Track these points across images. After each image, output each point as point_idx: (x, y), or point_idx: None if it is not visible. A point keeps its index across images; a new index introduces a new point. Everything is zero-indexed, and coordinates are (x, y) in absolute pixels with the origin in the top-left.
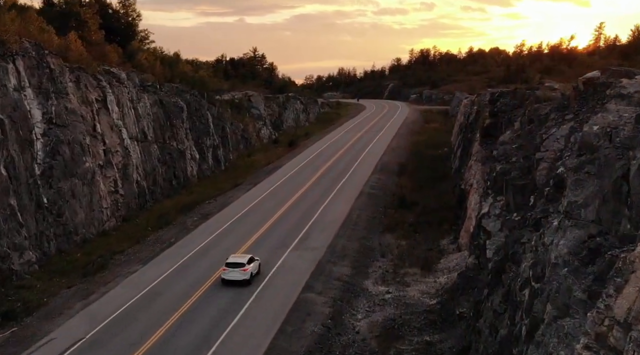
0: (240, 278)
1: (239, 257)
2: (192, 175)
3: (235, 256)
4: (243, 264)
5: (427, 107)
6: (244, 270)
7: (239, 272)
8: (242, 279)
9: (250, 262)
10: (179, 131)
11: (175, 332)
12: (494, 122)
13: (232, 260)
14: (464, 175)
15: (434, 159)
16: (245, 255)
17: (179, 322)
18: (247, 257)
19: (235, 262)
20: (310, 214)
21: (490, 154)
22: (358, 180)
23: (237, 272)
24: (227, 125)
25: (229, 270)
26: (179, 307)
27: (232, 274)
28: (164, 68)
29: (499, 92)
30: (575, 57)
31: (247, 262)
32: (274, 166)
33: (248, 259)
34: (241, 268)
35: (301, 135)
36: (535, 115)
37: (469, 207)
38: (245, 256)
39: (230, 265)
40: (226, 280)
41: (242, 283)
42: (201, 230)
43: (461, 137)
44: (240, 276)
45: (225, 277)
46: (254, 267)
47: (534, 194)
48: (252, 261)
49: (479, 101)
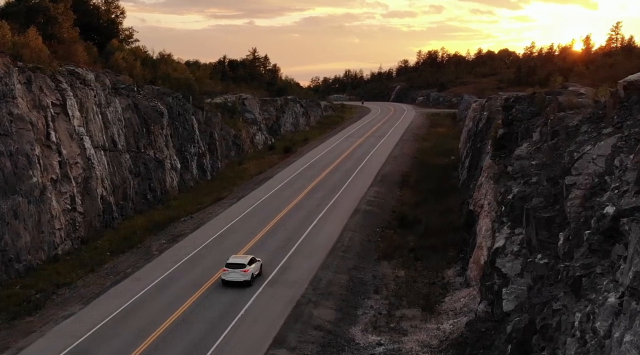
0: (241, 279)
1: (239, 257)
2: (171, 187)
3: (235, 256)
4: (244, 264)
5: (434, 110)
6: (245, 271)
7: (239, 273)
8: (243, 280)
9: (251, 263)
10: (158, 138)
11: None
12: (509, 132)
13: (232, 260)
14: (473, 193)
15: (440, 169)
16: (246, 256)
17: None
18: (249, 258)
19: (235, 262)
20: (295, 236)
21: (504, 170)
22: (354, 194)
23: (237, 273)
24: (216, 130)
25: (229, 271)
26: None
27: (233, 275)
28: (145, 69)
29: (513, 96)
30: (591, 58)
31: (248, 263)
32: (265, 176)
33: (249, 260)
34: (242, 269)
35: (299, 140)
36: (561, 127)
37: (479, 233)
38: (246, 257)
39: (230, 266)
40: (226, 281)
41: (243, 284)
42: (165, 258)
43: (469, 145)
44: (240, 277)
45: (225, 278)
46: (255, 268)
47: (565, 231)
48: (254, 262)
49: (490, 106)
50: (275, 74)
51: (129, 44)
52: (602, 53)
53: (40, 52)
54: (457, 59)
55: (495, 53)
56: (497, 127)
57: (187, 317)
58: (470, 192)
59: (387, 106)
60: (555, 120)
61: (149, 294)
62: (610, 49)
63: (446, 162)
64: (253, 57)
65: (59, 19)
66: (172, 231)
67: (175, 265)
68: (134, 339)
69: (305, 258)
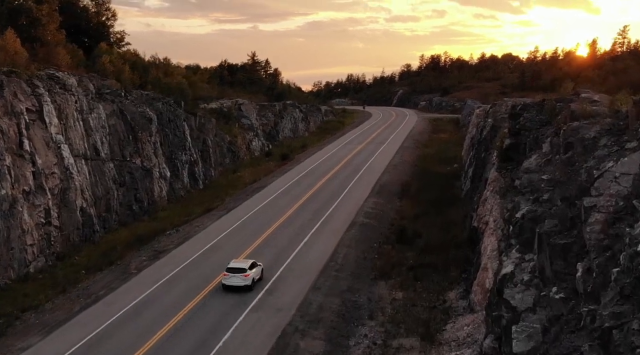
0: (242, 284)
1: (240, 262)
2: (160, 197)
3: (236, 261)
4: (244, 269)
5: (437, 115)
6: (246, 275)
7: (240, 277)
8: (244, 285)
9: (252, 267)
10: (146, 146)
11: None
12: (516, 143)
13: (233, 265)
14: (477, 207)
15: (442, 178)
16: (247, 260)
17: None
18: (249, 262)
19: (236, 267)
20: (285, 253)
21: (511, 184)
22: (351, 205)
23: (238, 278)
24: (210, 137)
25: (229, 276)
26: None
27: (233, 280)
28: (135, 73)
29: (521, 104)
30: (598, 62)
31: (249, 268)
32: (259, 185)
33: (250, 264)
34: (242, 273)
35: (297, 147)
36: (576, 139)
37: (484, 252)
38: (247, 261)
39: (231, 271)
40: (227, 285)
41: (244, 289)
42: (143, 278)
43: (473, 153)
44: (241, 282)
45: (225, 283)
46: (256, 272)
47: (584, 261)
48: (254, 266)
49: (494, 113)
50: (276, 79)
51: (120, 47)
52: (608, 57)
53: (16, 55)
54: (460, 63)
55: (499, 57)
56: (503, 137)
57: (157, 352)
58: (474, 206)
59: (389, 111)
60: (568, 131)
61: (118, 322)
62: (616, 53)
63: (448, 170)
64: (252, 61)
65: (42, 20)
66: (155, 246)
67: (152, 288)
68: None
69: (295, 278)
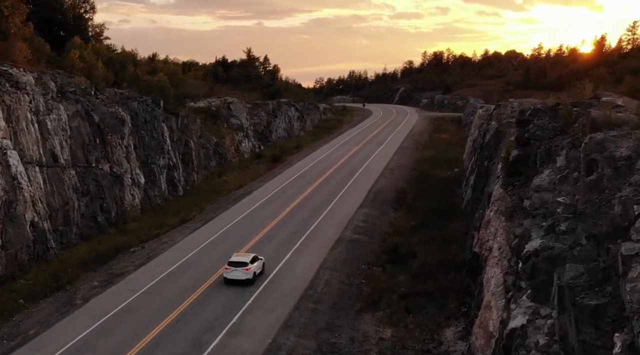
0: (243, 277)
1: (241, 255)
2: (132, 206)
3: (238, 255)
4: (246, 263)
5: (438, 114)
6: (247, 269)
7: (241, 271)
8: (245, 279)
9: (253, 261)
10: (116, 150)
11: None
12: (524, 154)
13: (234, 259)
14: (478, 226)
15: (441, 184)
16: (248, 254)
17: None
18: (251, 256)
19: (237, 261)
20: (257, 281)
21: (518, 204)
22: (340, 217)
23: (239, 272)
24: (193, 138)
25: (231, 270)
26: None
27: (235, 273)
28: (109, 70)
29: (530, 109)
30: (606, 59)
31: (250, 261)
32: (244, 191)
33: (251, 258)
34: (244, 267)
35: (291, 148)
36: (603, 157)
37: (486, 285)
38: (248, 255)
39: (232, 265)
40: (228, 279)
41: (245, 283)
42: (86, 311)
43: (475, 159)
44: (242, 276)
45: (227, 277)
46: (257, 266)
47: (623, 332)
48: (256, 260)
49: (499, 115)
50: (274, 75)
51: (99, 41)
52: (617, 54)
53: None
54: (463, 60)
55: (502, 54)
56: (510, 147)
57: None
58: (475, 223)
59: (389, 109)
60: (591, 145)
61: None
62: (625, 50)
63: (448, 175)
64: (248, 57)
65: (5, 12)
66: (113, 267)
67: (93, 326)
68: None
69: (263, 314)
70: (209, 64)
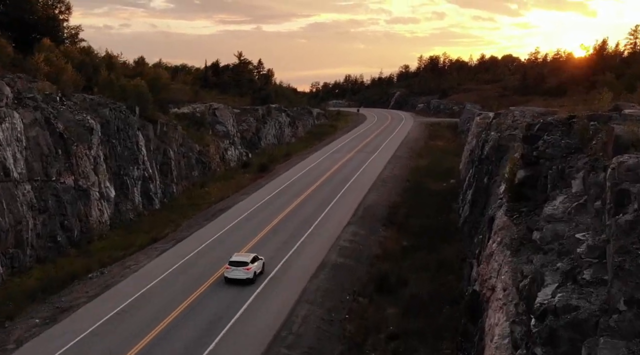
0: (244, 277)
1: (242, 255)
2: (100, 222)
3: (238, 255)
4: (246, 262)
5: (434, 120)
6: (247, 269)
7: (242, 271)
8: (246, 278)
9: (254, 261)
10: (82, 161)
11: None
12: (533, 176)
13: (235, 258)
14: (478, 259)
15: (437, 197)
16: (249, 254)
17: None
18: (251, 256)
19: (238, 260)
20: (223, 318)
21: (526, 234)
22: (325, 237)
23: (240, 271)
24: (173, 147)
25: (232, 269)
26: None
27: (235, 273)
28: (80, 74)
29: (539, 122)
30: (609, 64)
31: (250, 261)
32: (225, 204)
33: (252, 258)
34: (244, 267)
35: (279, 156)
36: (638, 190)
37: (488, 333)
38: (249, 255)
39: (233, 264)
40: (229, 278)
41: (246, 282)
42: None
43: (473, 172)
44: (243, 275)
45: (228, 276)
46: (257, 266)
47: None
48: (256, 260)
49: (499, 125)
50: (268, 80)
51: (75, 44)
52: (620, 59)
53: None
54: (460, 64)
55: (499, 59)
56: (515, 165)
57: None
58: (474, 248)
59: (384, 114)
60: (621, 172)
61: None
62: (625, 55)
63: (444, 187)
64: (239, 61)
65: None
66: (63, 298)
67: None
68: None
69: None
70: (203, 68)
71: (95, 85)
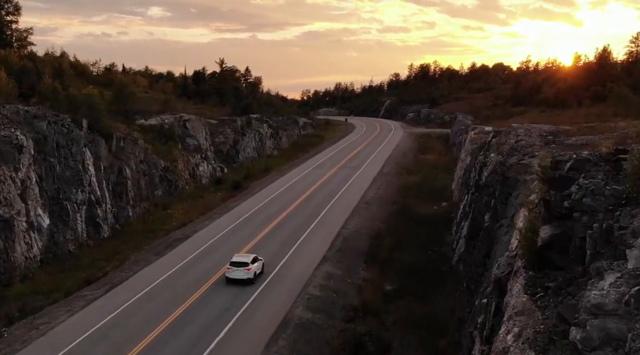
0: (244, 277)
1: (243, 256)
2: (26, 258)
3: (239, 255)
4: (247, 263)
5: (424, 130)
6: (248, 269)
7: (242, 271)
8: (246, 278)
9: (254, 261)
10: (5, 186)
11: None
12: (563, 235)
13: (236, 259)
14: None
15: (427, 224)
16: (249, 255)
17: None
18: (252, 257)
19: (239, 261)
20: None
21: (557, 328)
22: (292, 281)
23: (241, 271)
24: (131, 164)
25: (232, 269)
26: None
27: (236, 273)
28: (21, 81)
29: (571, 158)
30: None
31: (251, 262)
32: (184, 232)
33: (252, 259)
34: (245, 267)
35: (257, 171)
36: None
37: None
38: (249, 256)
39: (234, 265)
40: (230, 278)
41: (246, 282)
42: None
43: (468, 199)
44: (244, 275)
45: (229, 276)
46: (257, 266)
47: None
48: (256, 261)
49: (499, 146)
50: (255, 88)
51: (24, 47)
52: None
53: None
54: (450, 72)
55: (490, 67)
56: (534, 215)
57: None
58: (475, 314)
59: (373, 123)
60: None
61: None
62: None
63: (435, 211)
64: (221, 69)
65: None
66: None
67: None
68: None
69: None
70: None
71: (35, 95)
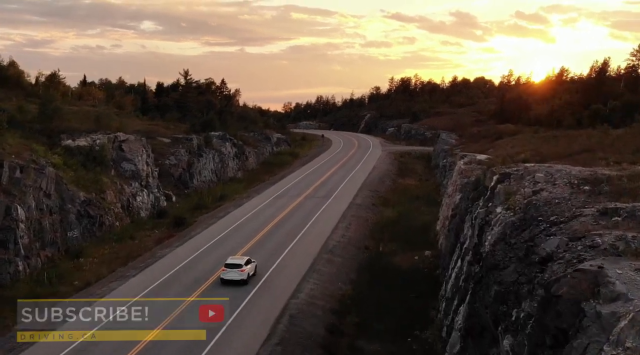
0: (238, 278)
1: (237, 258)
2: None
3: (233, 258)
4: (241, 265)
5: (405, 148)
6: (242, 270)
7: (236, 272)
8: (240, 279)
9: (247, 263)
10: None
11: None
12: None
13: (230, 261)
14: None
15: (406, 286)
16: (243, 257)
17: None
18: (245, 259)
19: (233, 263)
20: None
21: None
22: None
23: (235, 273)
24: (29, 201)
25: (227, 271)
26: None
27: (231, 274)
28: None
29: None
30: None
31: (244, 264)
32: (92, 291)
33: (246, 261)
34: (239, 269)
35: (210, 201)
36: None
37: None
38: (243, 258)
39: (228, 266)
40: (225, 279)
41: (240, 283)
42: None
43: (464, 272)
44: (237, 276)
45: (224, 277)
46: (250, 268)
47: None
48: (249, 263)
49: (509, 195)
50: (230, 101)
51: None
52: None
53: None
54: (432, 86)
55: (471, 81)
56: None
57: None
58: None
59: (351, 140)
60: None
61: None
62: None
63: (416, 262)
64: (186, 81)
65: None
66: None
67: None
68: None
69: None
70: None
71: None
